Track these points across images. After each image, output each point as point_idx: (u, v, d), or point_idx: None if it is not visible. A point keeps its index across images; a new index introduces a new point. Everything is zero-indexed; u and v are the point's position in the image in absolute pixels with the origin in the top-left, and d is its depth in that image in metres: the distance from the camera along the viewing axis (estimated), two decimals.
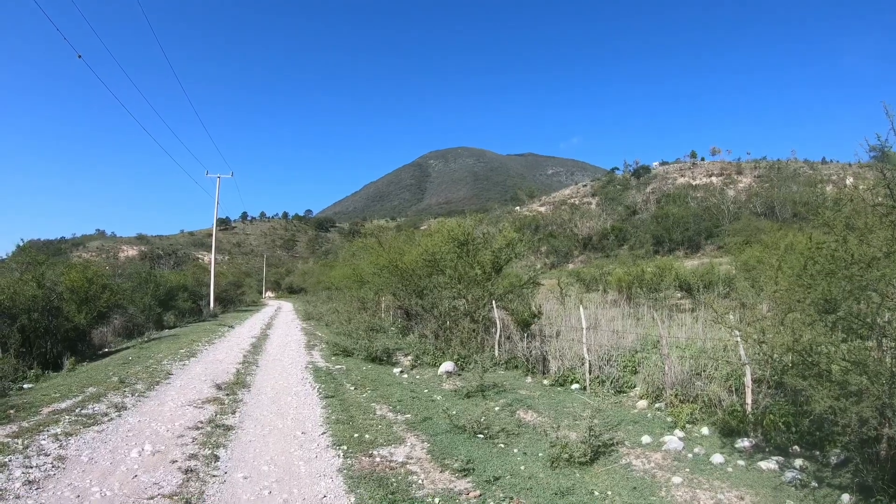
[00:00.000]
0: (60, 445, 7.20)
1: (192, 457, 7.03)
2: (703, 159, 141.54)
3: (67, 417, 8.59)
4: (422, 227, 51.75)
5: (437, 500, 5.85)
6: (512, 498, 5.92)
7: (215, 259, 47.05)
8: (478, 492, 6.05)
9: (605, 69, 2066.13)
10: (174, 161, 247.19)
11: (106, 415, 8.93)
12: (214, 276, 44.21)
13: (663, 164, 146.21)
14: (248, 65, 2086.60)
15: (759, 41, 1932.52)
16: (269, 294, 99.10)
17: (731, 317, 8.51)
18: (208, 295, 41.81)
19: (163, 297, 30.62)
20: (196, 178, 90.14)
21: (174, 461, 6.83)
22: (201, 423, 8.72)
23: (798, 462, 6.61)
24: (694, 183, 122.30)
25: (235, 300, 54.20)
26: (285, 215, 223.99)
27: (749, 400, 7.74)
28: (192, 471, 6.51)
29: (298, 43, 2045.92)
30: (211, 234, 48.59)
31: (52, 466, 6.43)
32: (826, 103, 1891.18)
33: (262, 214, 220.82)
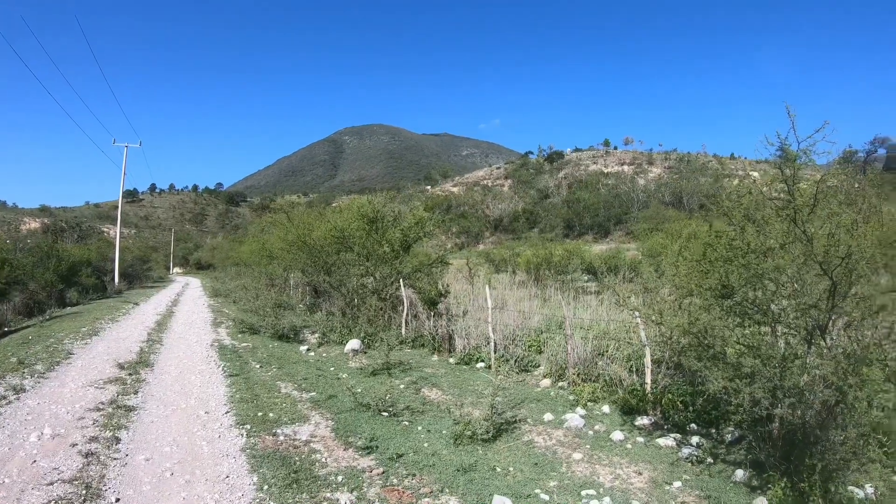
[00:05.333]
0: None
1: (93, 440, 6.75)
2: (615, 148, 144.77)
3: None
4: (333, 204, 51.05)
5: (340, 478, 5.79)
6: (415, 475, 5.91)
7: (121, 233, 44.63)
8: (381, 469, 6.02)
9: (528, 58, 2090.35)
10: (79, 128, 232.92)
11: (3, 398, 8.38)
12: (120, 251, 41.95)
13: (577, 150, 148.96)
14: (162, 33, 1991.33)
15: (679, 41, 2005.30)
16: (176, 270, 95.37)
17: (634, 300, 8.73)
18: (113, 270, 39.78)
19: (65, 273, 28.79)
20: (102, 147, 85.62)
21: (74, 444, 6.54)
22: (102, 404, 8.35)
23: (695, 439, 6.89)
24: (606, 170, 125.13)
25: (142, 276, 51.75)
26: (195, 188, 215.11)
27: (649, 380, 8.00)
28: (92, 454, 6.26)
29: (212, 14, 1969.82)
30: (117, 207, 45.85)
31: None
32: (737, 103, 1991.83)
33: (171, 187, 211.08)
